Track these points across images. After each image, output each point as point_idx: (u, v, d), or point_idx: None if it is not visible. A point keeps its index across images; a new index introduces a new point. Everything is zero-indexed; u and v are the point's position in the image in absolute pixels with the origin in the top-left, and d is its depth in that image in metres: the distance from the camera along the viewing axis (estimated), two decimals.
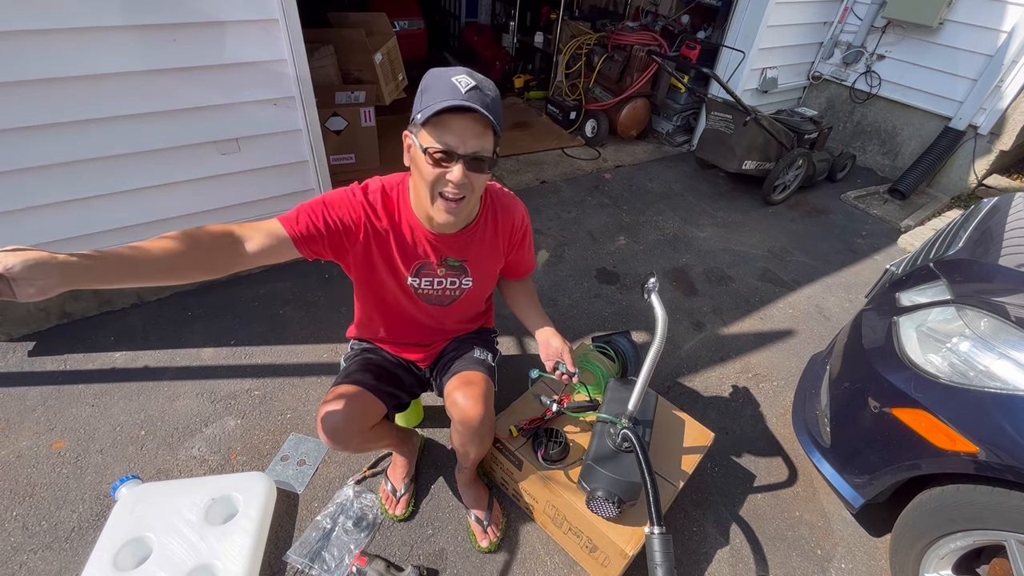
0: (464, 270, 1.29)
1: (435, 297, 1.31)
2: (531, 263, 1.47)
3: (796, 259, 3.11)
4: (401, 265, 1.22)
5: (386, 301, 1.32)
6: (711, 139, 3.52)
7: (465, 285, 1.31)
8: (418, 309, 1.34)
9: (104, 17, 1.63)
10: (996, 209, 1.81)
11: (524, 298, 1.48)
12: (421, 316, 1.37)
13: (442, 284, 1.29)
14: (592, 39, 4.18)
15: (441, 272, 1.27)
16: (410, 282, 1.26)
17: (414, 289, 1.28)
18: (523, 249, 1.39)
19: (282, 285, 2.42)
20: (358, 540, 1.51)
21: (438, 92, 0.97)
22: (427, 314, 1.36)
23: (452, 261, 1.26)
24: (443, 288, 1.30)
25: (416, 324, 1.40)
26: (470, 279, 1.30)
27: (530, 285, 1.52)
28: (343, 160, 3.07)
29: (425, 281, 1.27)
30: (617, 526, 1.35)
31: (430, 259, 1.23)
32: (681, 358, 2.31)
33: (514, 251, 1.37)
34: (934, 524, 1.35)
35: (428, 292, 1.29)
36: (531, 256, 1.45)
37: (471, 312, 1.46)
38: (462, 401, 1.26)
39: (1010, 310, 1.29)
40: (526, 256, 1.42)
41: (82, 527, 1.50)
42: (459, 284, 1.31)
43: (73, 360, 1.99)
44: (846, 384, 1.61)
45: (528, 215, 1.37)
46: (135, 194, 1.99)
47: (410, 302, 1.31)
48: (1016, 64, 3.33)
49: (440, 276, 1.27)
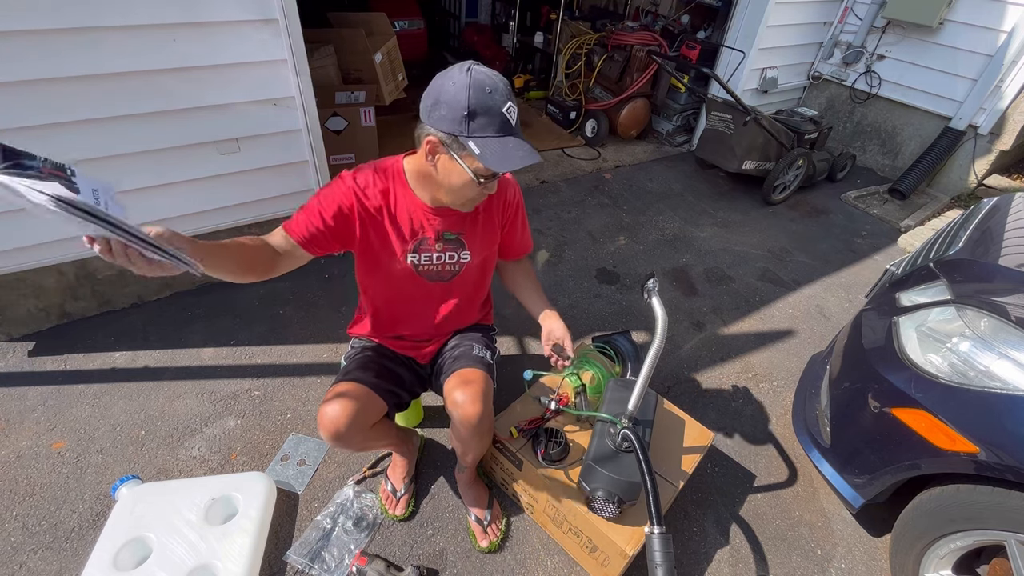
0: (461, 243, 1.31)
1: (435, 272, 1.33)
2: (527, 242, 1.49)
3: (796, 259, 3.11)
4: (399, 241, 1.25)
5: (388, 283, 1.33)
6: (711, 139, 3.52)
7: (464, 259, 1.33)
8: (419, 287, 1.35)
9: (104, 17, 1.63)
10: (996, 209, 1.81)
11: (524, 279, 1.51)
12: (424, 296, 1.38)
13: (441, 259, 1.31)
14: (592, 39, 4.18)
15: (439, 247, 1.29)
16: (410, 259, 1.28)
17: (414, 266, 1.30)
18: (516, 224, 1.41)
19: (282, 285, 2.42)
20: (358, 540, 1.51)
21: (490, 121, 1.01)
22: (429, 293, 1.37)
23: (449, 235, 1.28)
24: (442, 263, 1.32)
25: (419, 306, 1.40)
26: (467, 252, 1.33)
27: (528, 266, 1.55)
28: (343, 160, 3.07)
29: (424, 256, 1.29)
30: (617, 526, 1.35)
31: (427, 234, 1.26)
32: (681, 358, 2.31)
33: (508, 225, 1.39)
34: (934, 524, 1.35)
35: (428, 268, 1.32)
36: (526, 234, 1.48)
37: (472, 293, 1.46)
38: (461, 399, 1.26)
39: (1010, 310, 1.29)
40: (521, 233, 1.45)
41: (82, 527, 1.50)
42: (457, 258, 1.33)
43: (73, 360, 1.99)
44: (846, 384, 1.61)
45: (520, 191, 1.39)
46: (135, 194, 1.99)
47: (412, 281, 1.33)
48: (1016, 64, 3.33)
49: (439, 251, 1.30)
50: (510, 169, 1.02)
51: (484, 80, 0.99)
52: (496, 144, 1.01)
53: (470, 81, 0.98)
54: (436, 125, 1.03)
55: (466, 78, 0.99)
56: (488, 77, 1.00)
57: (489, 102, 1.00)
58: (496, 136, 1.01)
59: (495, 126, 1.01)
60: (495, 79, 1.01)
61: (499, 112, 1.01)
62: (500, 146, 1.01)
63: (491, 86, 1.00)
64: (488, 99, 0.99)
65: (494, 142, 1.01)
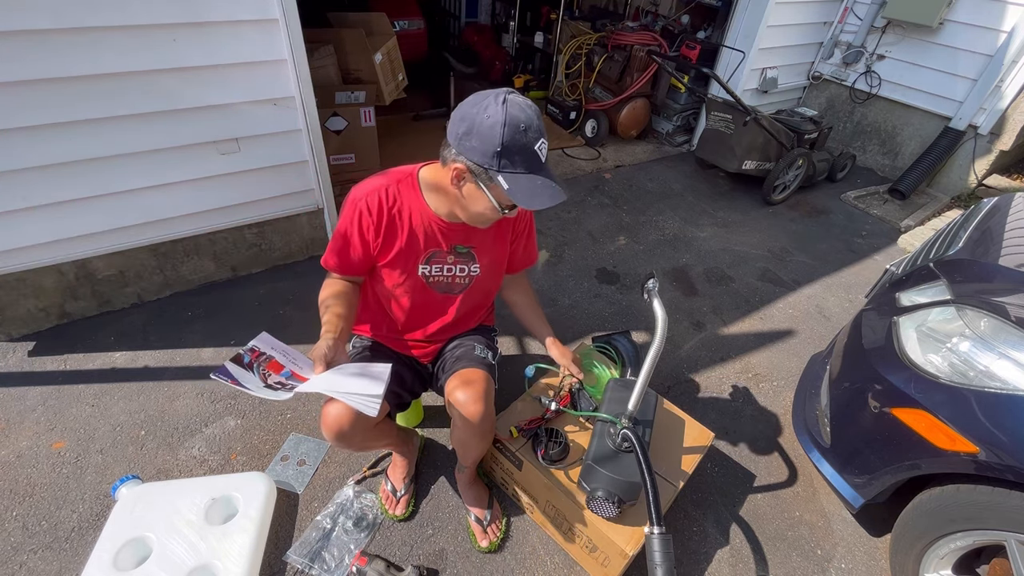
0: (472, 256, 1.32)
1: (445, 284, 1.34)
2: (533, 255, 1.52)
3: (796, 259, 3.11)
4: (411, 253, 1.26)
5: (397, 292, 1.34)
6: (711, 139, 3.52)
7: (473, 272, 1.34)
8: (428, 297, 1.36)
9: (104, 17, 1.63)
10: (996, 209, 1.81)
11: (523, 296, 1.56)
12: (430, 305, 1.38)
13: (452, 271, 1.32)
14: (592, 39, 4.18)
15: (451, 260, 1.30)
16: (421, 271, 1.29)
17: (425, 278, 1.31)
18: (525, 238, 1.43)
19: (282, 285, 2.42)
20: (358, 540, 1.51)
21: (523, 159, 1.02)
22: (436, 303, 1.38)
23: (461, 248, 1.29)
24: (452, 275, 1.33)
25: (424, 315, 1.41)
26: (477, 266, 1.34)
27: (527, 282, 1.57)
28: (343, 160, 3.07)
29: (436, 268, 1.30)
30: (617, 526, 1.35)
31: (441, 247, 1.27)
32: (681, 358, 2.31)
33: (518, 239, 1.41)
34: (934, 524, 1.35)
35: (439, 279, 1.32)
36: (534, 248, 1.50)
37: (479, 303, 1.47)
38: (462, 399, 1.26)
39: (1010, 310, 1.29)
40: (527, 246, 1.46)
41: (82, 527, 1.50)
42: (468, 271, 1.34)
43: (73, 360, 1.99)
44: (846, 384, 1.61)
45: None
46: (135, 194, 1.99)
47: (421, 291, 1.33)
48: (1016, 64, 3.33)
49: (450, 263, 1.31)
50: (538, 208, 1.03)
51: (519, 117, 0.99)
52: (525, 181, 1.02)
53: (506, 118, 0.98)
54: (467, 155, 1.03)
55: (502, 114, 0.98)
56: (524, 113, 1.00)
57: (523, 140, 1.00)
58: (526, 173, 1.03)
59: (526, 164, 1.02)
60: (531, 115, 1.01)
61: (532, 151, 1.02)
62: (529, 183, 1.03)
63: (526, 123, 0.99)
64: (522, 137, 0.99)
65: (524, 179, 1.02)
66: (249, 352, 1.03)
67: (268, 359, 1.04)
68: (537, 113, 1.03)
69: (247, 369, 1.00)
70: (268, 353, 1.05)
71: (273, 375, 1.01)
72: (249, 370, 1.00)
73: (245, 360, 1.02)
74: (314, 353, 1.07)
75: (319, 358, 1.05)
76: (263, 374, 1.00)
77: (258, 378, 0.99)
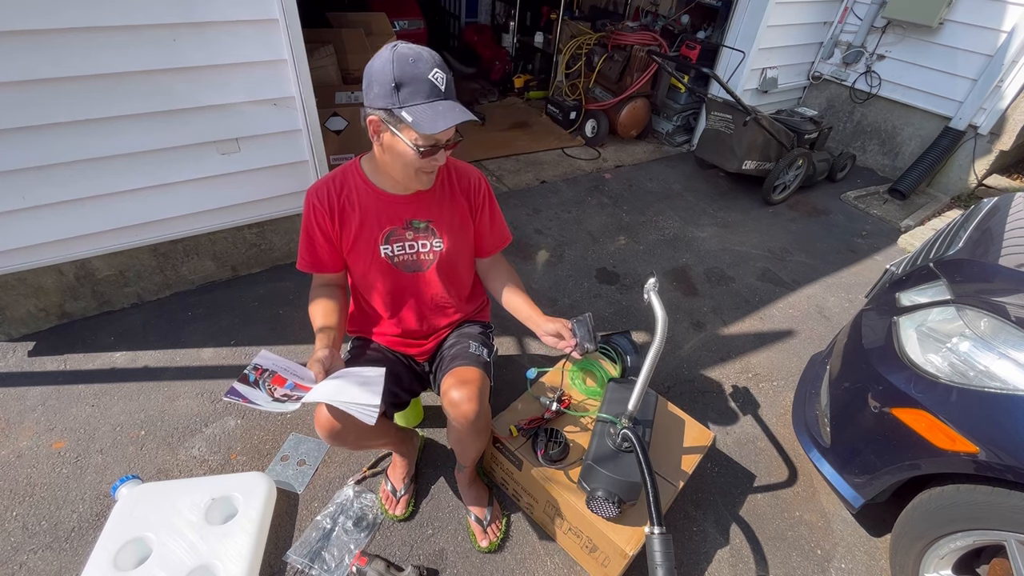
0: (432, 231, 1.33)
1: (411, 263, 1.35)
2: (503, 234, 1.48)
3: (796, 259, 3.11)
4: (369, 236, 1.28)
5: (369, 278, 1.36)
6: (711, 139, 3.52)
7: (436, 247, 1.35)
8: (399, 280, 1.36)
9: (104, 17, 1.63)
10: (996, 209, 1.81)
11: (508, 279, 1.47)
12: (404, 288, 1.39)
13: (414, 248, 1.33)
14: (592, 39, 4.18)
15: (410, 236, 1.32)
16: (383, 251, 1.30)
17: (389, 258, 1.32)
18: (485, 212, 1.41)
19: (282, 285, 2.42)
20: (358, 540, 1.51)
21: (418, 88, 1.04)
22: (410, 285, 1.38)
23: (418, 223, 1.31)
24: (416, 252, 1.34)
25: (402, 299, 1.41)
26: (440, 240, 1.34)
27: (508, 267, 1.51)
28: (343, 160, 3.06)
29: (397, 247, 1.31)
30: (617, 526, 1.35)
31: (395, 224, 1.29)
32: (681, 358, 2.31)
33: (479, 212, 1.40)
34: (934, 524, 1.35)
35: (403, 258, 1.34)
36: (501, 226, 1.47)
37: (454, 283, 1.45)
38: (457, 398, 1.26)
39: (1010, 310, 1.29)
40: (491, 222, 1.43)
41: (82, 527, 1.50)
42: (430, 247, 1.34)
43: (73, 360, 1.99)
44: (846, 384, 1.61)
45: (486, 179, 1.41)
46: (135, 194, 1.99)
47: (390, 274, 1.35)
48: (1016, 64, 3.33)
49: (410, 240, 1.32)
50: (442, 128, 1.04)
51: (407, 52, 1.04)
52: (427, 109, 1.05)
53: (394, 55, 1.03)
54: (373, 104, 1.07)
55: (390, 54, 1.04)
56: (411, 49, 1.05)
57: (413, 71, 1.04)
58: (426, 102, 1.05)
59: (424, 93, 1.05)
60: (418, 49, 1.05)
61: (425, 79, 1.04)
62: (431, 110, 1.05)
63: (414, 56, 1.04)
64: (412, 68, 1.04)
65: (425, 108, 1.05)
66: (253, 370, 1.10)
67: (271, 374, 1.11)
68: (430, 52, 1.07)
69: (254, 387, 1.07)
70: (271, 369, 1.12)
71: (279, 388, 1.09)
72: (256, 387, 1.07)
73: (251, 379, 1.09)
74: (311, 362, 1.12)
75: (317, 365, 1.11)
76: (269, 389, 1.08)
77: (265, 393, 1.07)
